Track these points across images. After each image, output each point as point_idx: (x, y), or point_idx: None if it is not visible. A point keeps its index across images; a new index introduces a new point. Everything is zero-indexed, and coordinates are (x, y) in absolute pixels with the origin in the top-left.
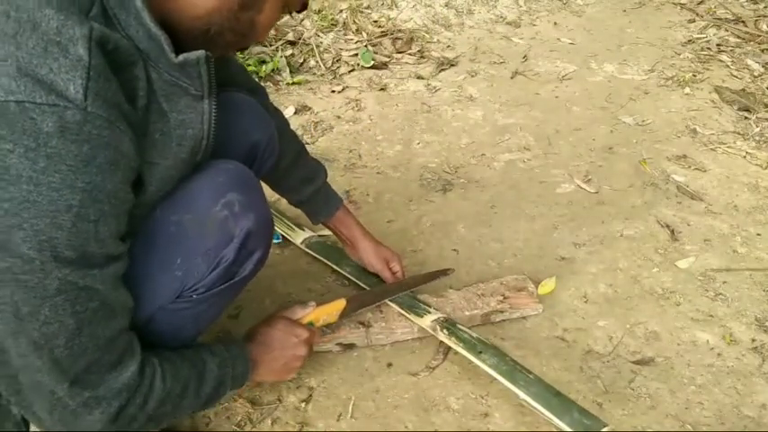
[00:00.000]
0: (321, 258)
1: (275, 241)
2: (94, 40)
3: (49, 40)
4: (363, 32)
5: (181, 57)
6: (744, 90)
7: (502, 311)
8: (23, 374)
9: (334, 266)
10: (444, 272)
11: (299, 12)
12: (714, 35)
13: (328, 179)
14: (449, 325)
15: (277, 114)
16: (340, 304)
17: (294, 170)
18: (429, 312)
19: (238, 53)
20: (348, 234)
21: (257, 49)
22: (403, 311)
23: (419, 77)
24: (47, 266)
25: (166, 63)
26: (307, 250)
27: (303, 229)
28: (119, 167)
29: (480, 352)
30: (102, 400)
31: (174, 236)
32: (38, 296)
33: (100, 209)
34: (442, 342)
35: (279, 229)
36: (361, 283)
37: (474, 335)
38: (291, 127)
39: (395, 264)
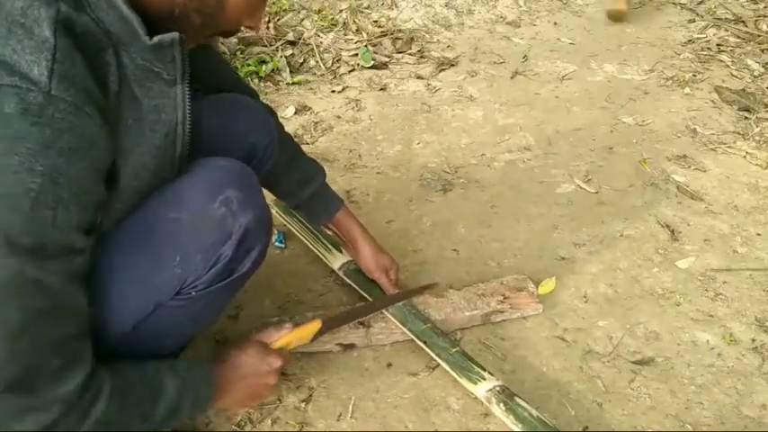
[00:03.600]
0: (359, 290)
1: (278, 245)
2: (60, 21)
3: (13, 21)
4: (363, 32)
5: (156, 39)
6: (744, 90)
7: (502, 311)
8: None
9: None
10: (430, 286)
11: None
12: (714, 35)
13: (329, 180)
14: (506, 398)
15: (272, 117)
16: (315, 326)
17: (290, 172)
18: (484, 379)
19: (233, 49)
20: (348, 237)
21: (257, 48)
22: (454, 373)
23: (419, 77)
24: None
25: (139, 46)
26: (344, 278)
27: (342, 252)
28: (84, 153)
29: None
30: (35, 411)
31: (172, 233)
32: None
33: (60, 195)
34: None
35: (315, 249)
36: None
37: (534, 413)
38: (290, 128)
39: (393, 272)
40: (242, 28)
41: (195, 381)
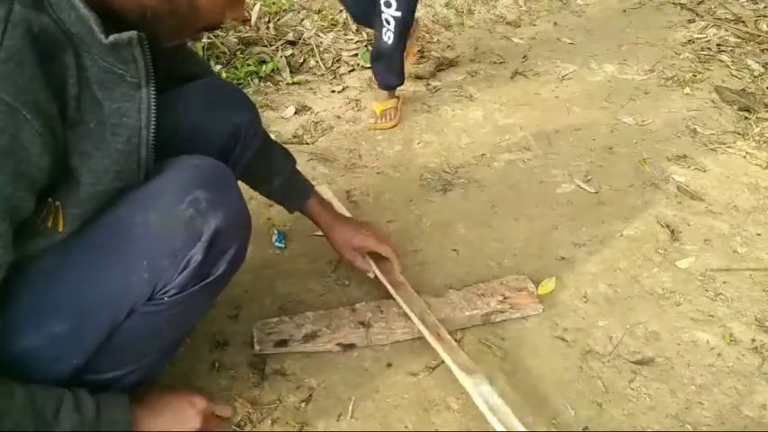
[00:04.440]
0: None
1: (278, 245)
2: (13, 22)
3: None
4: (363, 32)
5: (111, 37)
6: (744, 90)
7: (502, 311)
8: None
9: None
10: None
11: None
12: (714, 35)
13: (329, 180)
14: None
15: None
16: None
17: (259, 162)
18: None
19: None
20: (321, 225)
21: (257, 48)
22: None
23: (419, 77)
24: None
25: (100, 47)
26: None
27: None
28: (10, 157)
29: None
30: None
31: (139, 237)
32: None
33: None
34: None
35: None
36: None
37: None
38: (290, 128)
39: (372, 244)
40: (226, 20)
41: (96, 421)
